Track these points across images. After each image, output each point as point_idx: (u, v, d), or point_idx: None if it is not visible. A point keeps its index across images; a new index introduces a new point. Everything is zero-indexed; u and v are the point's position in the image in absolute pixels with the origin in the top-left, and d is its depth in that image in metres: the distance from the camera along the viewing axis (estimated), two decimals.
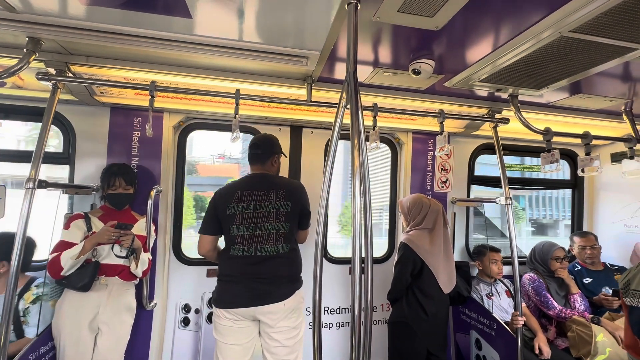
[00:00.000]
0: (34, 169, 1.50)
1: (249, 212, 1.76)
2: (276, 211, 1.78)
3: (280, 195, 1.80)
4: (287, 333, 1.75)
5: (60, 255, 1.72)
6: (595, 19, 1.22)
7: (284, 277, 1.77)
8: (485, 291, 2.46)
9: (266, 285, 1.71)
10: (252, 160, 1.91)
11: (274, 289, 1.72)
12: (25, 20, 1.35)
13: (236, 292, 1.71)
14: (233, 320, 1.71)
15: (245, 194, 1.78)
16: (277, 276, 1.74)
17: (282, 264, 1.77)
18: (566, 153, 3.04)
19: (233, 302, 1.71)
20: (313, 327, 1.01)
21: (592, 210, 3.07)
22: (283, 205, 1.79)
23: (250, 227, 1.75)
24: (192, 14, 1.30)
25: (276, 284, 1.73)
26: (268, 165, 1.91)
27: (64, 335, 1.74)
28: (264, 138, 1.94)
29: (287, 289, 1.76)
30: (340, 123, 1.06)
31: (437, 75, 1.82)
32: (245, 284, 1.71)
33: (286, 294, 1.74)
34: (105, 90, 1.97)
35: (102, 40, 1.46)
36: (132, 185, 2.00)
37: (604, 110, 2.34)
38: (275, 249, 1.76)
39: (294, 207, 1.82)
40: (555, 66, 1.64)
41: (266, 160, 1.90)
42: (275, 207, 1.78)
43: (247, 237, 1.75)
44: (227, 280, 1.76)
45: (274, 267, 1.74)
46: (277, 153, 1.94)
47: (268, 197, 1.79)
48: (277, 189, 1.81)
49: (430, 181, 2.67)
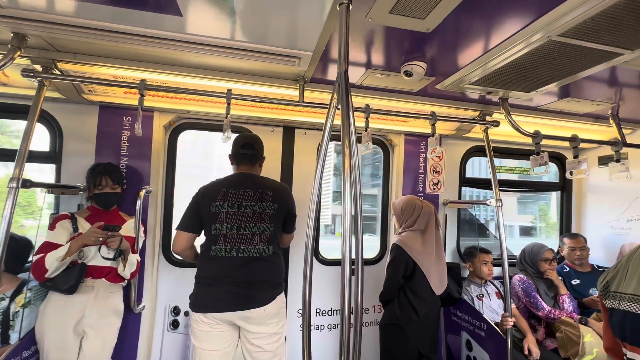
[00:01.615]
0: (17, 168, 1.46)
1: (233, 212, 1.73)
2: (262, 212, 1.75)
3: (266, 196, 1.78)
4: (267, 339, 1.70)
5: (45, 256, 1.67)
6: (583, 23, 1.24)
7: (265, 281, 1.72)
8: (476, 292, 2.48)
9: (247, 289, 1.67)
10: (241, 159, 1.86)
11: (255, 293, 1.67)
12: (10, 15, 1.31)
13: (215, 295, 1.66)
14: (211, 324, 1.65)
15: (231, 193, 1.75)
16: (258, 280, 1.69)
17: (264, 267, 1.72)
18: (555, 156, 3.09)
19: (212, 306, 1.65)
20: (303, 329, 1.00)
21: (580, 212, 3.12)
22: (269, 207, 1.77)
23: (234, 227, 1.71)
24: (182, 12, 1.28)
25: (257, 289, 1.68)
26: (256, 167, 1.90)
27: (47, 339, 1.69)
28: (256, 139, 1.90)
29: (267, 294, 1.70)
30: (331, 124, 1.05)
31: (428, 78, 1.84)
32: (225, 288, 1.66)
33: (267, 299, 1.69)
34: (93, 89, 1.94)
35: (91, 37, 1.44)
36: (119, 184, 1.96)
37: (591, 114, 2.39)
38: (259, 251, 1.72)
39: (280, 209, 1.80)
40: (545, 70, 1.67)
41: (256, 161, 1.88)
42: (261, 207, 1.75)
43: (230, 236, 1.70)
44: (206, 283, 1.69)
45: (255, 271, 1.70)
46: (264, 156, 1.94)
47: (254, 197, 1.76)
48: (263, 189, 1.79)
49: (422, 183, 2.69)
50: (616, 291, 0.62)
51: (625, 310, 0.57)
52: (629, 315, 0.57)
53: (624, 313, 0.58)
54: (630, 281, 0.59)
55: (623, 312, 0.58)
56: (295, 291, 2.43)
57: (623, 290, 0.60)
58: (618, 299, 0.61)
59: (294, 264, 2.46)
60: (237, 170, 1.88)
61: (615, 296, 0.61)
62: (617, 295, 0.61)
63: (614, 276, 0.64)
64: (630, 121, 2.54)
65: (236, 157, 1.87)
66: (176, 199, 2.36)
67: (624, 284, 0.60)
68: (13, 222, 1.44)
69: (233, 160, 1.90)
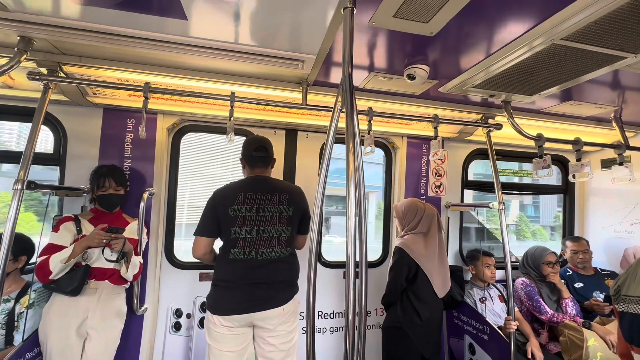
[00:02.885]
0: (23, 170, 1.47)
1: (252, 215, 1.73)
2: (279, 215, 1.77)
3: (283, 199, 1.79)
4: (283, 337, 1.73)
5: (49, 258, 1.68)
6: (586, 27, 1.24)
7: (284, 281, 1.75)
8: (479, 296, 2.47)
9: (265, 290, 1.69)
10: (256, 162, 1.84)
11: (274, 293, 1.70)
12: (17, 19, 1.33)
13: (235, 298, 1.67)
14: (229, 327, 1.67)
15: (248, 196, 1.75)
16: (277, 281, 1.73)
17: (282, 268, 1.75)
18: (557, 159, 3.09)
19: (232, 309, 1.66)
20: (307, 332, 1.00)
21: (582, 216, 3.11)
22: (286, 210, 1.78)
23: (253, 230, 1.72)
24: (187, 16, 1.29)
25: (275, 289, 1.71)
26: (269, 169, 1.91)
27: (50, 341, 1.69)
28: (267, 141, 1.90)
29: (286, 294, 1.74)
30: (335, 127, 1.06)
31: (431, 81, 1.84)
32: (244, 290, 1.68)
33: (285, 299, 1.73)
34: (98, 91, 1.95)
35: (96, 40, 1.45)
36: (123, 186, 1.97)
37: (594, 117, 2.39)
38: (277, 253, 1.74)
39: (296, 211, 1.81)
40: (547, 73, 1.67)
41: (269, 163, 1.89)
42: (279, 210, 1.77)
43: (249, 240, 1.72)
44: (225, 287, 1.70)
45: (274, 272, 1.73)
46: (274, 157, 1.95)
47: (271, 201, 1.77)
48: (280, 192, 1.79)
49: (424, 185, 2.69)
50: (626, 294, 0.61)
51: (633, 313, 0.57)
52: (637, 318, 0.57)
53: (632, 316, 0.58)
54: (639, 284, 0.59)
55: (631, 315, 0.58)
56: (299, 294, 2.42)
57: (632, 293, 0.60)
58: (627, 302, 0.61)
59: None
60: (251, 174, 1.87)
61: (625, 299, 0.61)
62: (626, 298, 0.61)
63: (625, 280, 0.64)
64: (633, 124, 2.53)
65: (250, 160, 1.85)
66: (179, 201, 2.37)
67: (633, 287, 0.60)
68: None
69: (246, 164, 1.89)
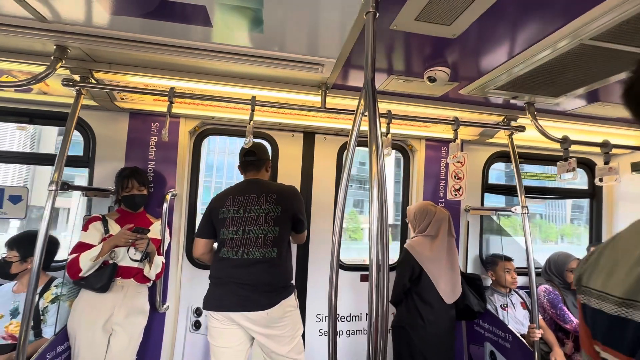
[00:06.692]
0: (57, 172, 1.55)
1: (238, 216, 1.80)
2: (265, 215, 1.80)
3: (270, 199, 1.82)
4: (275, 340, 1.73)
5: (79, 256, 1.75)
6: (617, 27, 1.20)
7: (268, 284, 1.74)
8: (500, 302, 2.40)
9: (249, 292, 1.71)
10: (247, 166, 1.95)
11: (257, 297, 1.71)
12: (55, 30, 1.41)
13: (222, 295, 1.74)
14: (221, 322, 1.72)
15: (236, 199, 1.84)
16: (260, 283, 1.72)
17: (267, 270, 1.75)
18: (583, 162, 2.97)
19: (218, 305, 1.73)
20: (329, 335, 1.01)
21: (611, 221, 2.98)
22: (273, 210, 1.81)
23: (239, 231, 1.78)
24: (212, 23, 1.33)
25: (259, 292, 1.71)
26: (262, 171, 1.96)
27: (79, 335, 1.77)
28: (257, 145, 1.96)
29: (271, 299, 1.72)
30: (357, 130, 1.07)
31: (452, 83, 1.82)
32: (230, 288, 1.73)
33: (270, 304, 1.71)
34: (125, 96, 2.03)
35: (125, 47, 1.52)
36: (145, 186, 2.04)
37: (623, 119, 2.29)
38: (262, 253, 1.76)
39: (285, 211, 1.83)
40: (574, 74, 1.62)
41: (261, 166, 1.95)
42: (265, 211, 1.80)
43: (235, 240, 1.78)
44: (216, 283, 1.79)
45: (258, 273, 1.74)
46: (269, 158, 2.01)
47: (258, 202, 1.82)
48: (267, 193, 1.84)
49: (443, 189, 2.64)
50: (586, 285, 0.57)
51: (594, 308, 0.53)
52: (599, 314, 0.53)
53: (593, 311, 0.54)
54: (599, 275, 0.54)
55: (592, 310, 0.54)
56: (315, 295, 2.43)
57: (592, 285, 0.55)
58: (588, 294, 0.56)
59: (313, 268, 2.47)
60: (244, 178, 1.97)
61: (585, 291, 0.57)
62: (587, 290, 0.56)
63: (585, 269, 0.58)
64: None
65: (242, 165, 1.98)
66: None
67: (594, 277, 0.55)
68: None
69: (240, 170, 2.00)
